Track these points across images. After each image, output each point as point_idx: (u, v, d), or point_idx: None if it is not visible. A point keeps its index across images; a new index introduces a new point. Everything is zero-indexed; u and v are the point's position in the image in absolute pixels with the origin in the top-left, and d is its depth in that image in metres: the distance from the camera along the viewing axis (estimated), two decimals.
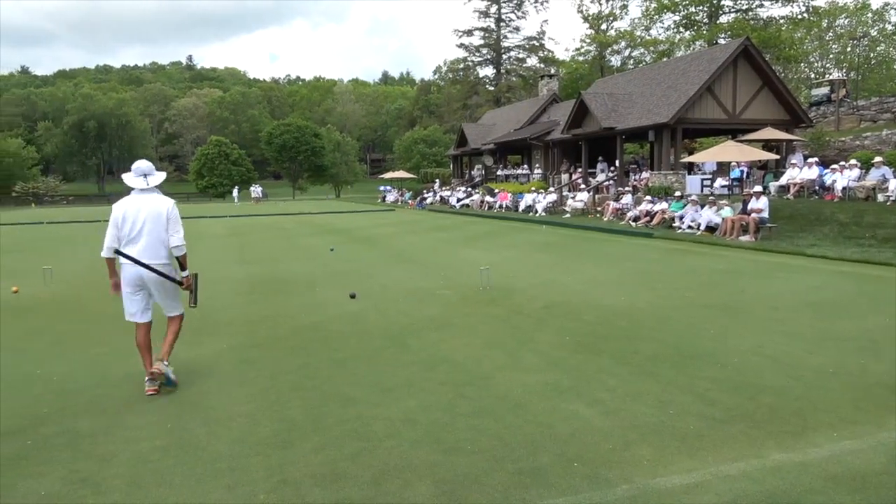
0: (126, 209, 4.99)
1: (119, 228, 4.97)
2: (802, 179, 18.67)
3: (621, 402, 4.56)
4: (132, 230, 4.96)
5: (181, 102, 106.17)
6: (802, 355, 5.63)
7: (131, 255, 4.91)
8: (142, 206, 5.01)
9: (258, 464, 3.71)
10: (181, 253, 5.07)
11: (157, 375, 4.94)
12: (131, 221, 4.97)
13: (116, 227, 4.98)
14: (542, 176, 33.37)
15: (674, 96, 23.63)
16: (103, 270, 5.29)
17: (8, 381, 5.33)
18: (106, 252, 5.01)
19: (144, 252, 4.95)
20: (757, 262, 11.67)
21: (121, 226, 4.97)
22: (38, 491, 3.43)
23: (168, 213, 5.05)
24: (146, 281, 5.03)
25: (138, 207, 5.00)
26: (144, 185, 5.05)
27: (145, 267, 4.93)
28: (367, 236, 19.17)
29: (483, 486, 3.38)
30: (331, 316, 7.70)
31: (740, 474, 3.44)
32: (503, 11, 62.40)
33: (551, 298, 8.45)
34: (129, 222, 4.96)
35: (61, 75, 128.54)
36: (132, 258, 4.92)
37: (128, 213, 4.98)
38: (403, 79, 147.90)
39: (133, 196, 5.06)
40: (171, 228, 5.04)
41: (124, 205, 5.03)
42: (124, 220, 4.97)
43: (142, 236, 4.96)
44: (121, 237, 4.97)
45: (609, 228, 19.05)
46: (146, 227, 4.97)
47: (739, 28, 41.49)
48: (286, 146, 70.65)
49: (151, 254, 4.97)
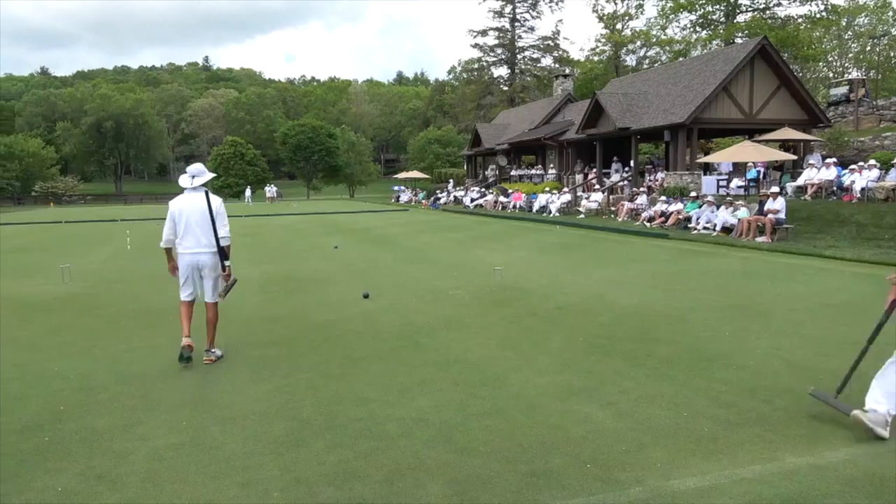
0: (181, 206, 5.74)
1: (175, 222, 5.73)
2: (820, 180, 18.45)
3: (635, 404, 4.53)
4: (186, 224, 5.70)
5: (197, 103, 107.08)
6: (819, 358, 5.56)
7: (193, 241, 5.73)
8: (194, 202, 5.73)
9: (272, 462, 3.73)
10: (226, 243, 5.79)
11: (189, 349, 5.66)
12: (186, 216, 5.71)
13: (173, 221, 5.74)
14: (556, 176, 33.26)
15: (690, 96, 23.46)
16: (120, 269, 5.38)
17: (28, 378, 5.41)
18: (164, 243, 5.83)
19: (197, 241, 5.71)
20: (773, 263, 11.56)
21: (177, 220, 5.72)
22: (55, 487, 3.47)
23: (216, 209, 5.75)
24: (201, 266, 5.78)
25: (191, 204, 5.73)
26: (190, 185, 5.76)
27: (212, 248, 5.73)
28: (380, 236, 19.22)
29: (495, 486, 3.38)
30: (345, 315, 7.73)
31: (755, 477, 3.41)
32: (518, 11, 62.27)
33: (565, 299, 8.42)
34: (183, 217, 5.71)
35: (80, 76, 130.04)
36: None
37: (182, 209, 5.72)
38: (418, 79, 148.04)
39: (185, 194, 5.79)
40: (219, 222, 5.74)
41: (179, 202, 5.78)
42: (179, 215, 5.71)
43: (192, 229, 5.70)
44: (177, 230, 5.73)
45: (623, 229, 18.95)
46: (196, 221, 5.69)
47: (757, 27, 41.10)
48: (301, 146, 71.03)
49: (201, 243, 5.72)
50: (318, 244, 16.82)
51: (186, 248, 5.74)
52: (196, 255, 5.74)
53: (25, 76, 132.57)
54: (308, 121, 77.94)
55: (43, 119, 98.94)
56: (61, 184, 70.54)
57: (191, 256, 5.74)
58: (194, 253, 5.73)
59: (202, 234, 5.70)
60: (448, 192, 41.30)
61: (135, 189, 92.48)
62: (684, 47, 47.82)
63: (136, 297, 9.21)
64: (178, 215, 5.73)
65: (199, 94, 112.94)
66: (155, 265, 12.83)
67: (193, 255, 5.73)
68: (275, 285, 10.07)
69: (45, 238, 21.07)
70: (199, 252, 5.73)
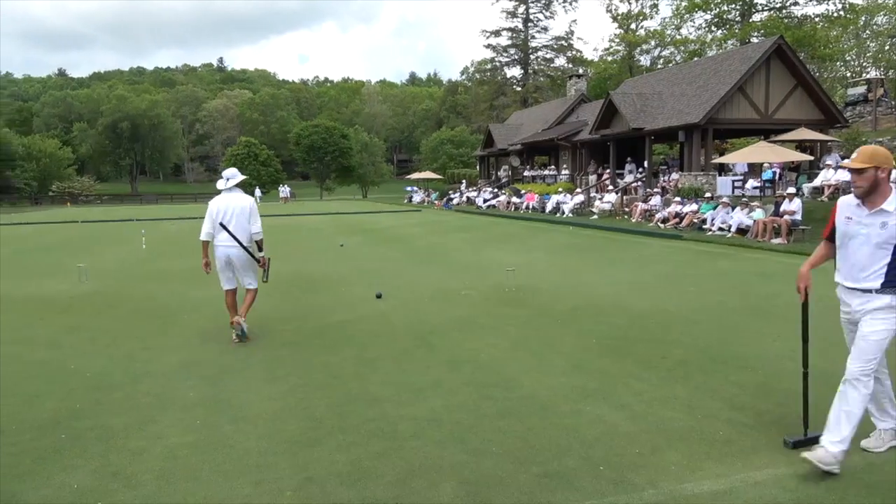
0: (218, 205, 6.49)
1: (213, 219, 6.45)
2: (837, 181, 18.24)
3: (648, 407, 4.51)
4: (223, 220, 6.41)
5: (212, 104, 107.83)
6: (838, 361, 5.47)
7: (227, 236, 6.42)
8: (230, 202, 6.48)
9: (285, 461, 3.75)
10: (259, 238, 6.59)
11: (236, 326, 6.40)
12: (222, 213, 6.43)
13: (211, 218, 6.46)
14: (570, 177, 33.16)
15: (705, 96, 23.30)
16: (136, 268, 5.43)
17: (45, 376, 5.47)
18: (204, 236, 6.56)
19: (229, 236, 6.40)
20: (790, 264, 11.44)
21: (215, 217, 6.44)
22: (71, 484, 3.51)
23: (250, 207, 6.53)
24: (232, 259, 6.47)
25: (227, 203, 6.48)
26: (225, 186, 6.55)
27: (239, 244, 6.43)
28: (393, 236, 19.25)
29: (508, 488, 3.37)
30: (358, 315, 7.75)
31: (771, 481, 3.38)
32: (531, 11, 62.17)
33: (578, 300, 8.39)
34: (220, 214, 6.43)
35: (96, 77, 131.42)
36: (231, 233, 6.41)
37: (219, 208, 6.46)
38: (430, 80, 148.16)
39: (222, 195, 6.56)
40: (252, 219, 6.52)
41: (217, 202, 6.53)
42: (218, 213, 6.44)
43: (229, 224, 6.40)
44: (214, 226, 6.44)
45: (637, 230, 18.85)
46: (233, 218, 6.41)
47: (773, 26, 40.68)
48: (314, 147, 71.29)
49: (235, 238, 6.40)
50: (332, 244, 16.87)
51: (220, 242, 6.48)
52: (227, 248, 6.45)
53: (43, 77, 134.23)
54: (321, 121, 78.26)
55: (60, 120, 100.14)
56: (78, 184, 71.33)
57: (223, 249, 6.47)
58: (226, 246, 6.45)
59: (235, 230, 6.42)
60: (461, 192, 41.30)
61: (150, 189, 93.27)
62: (699, 47, 47.42)
63: (151, 296, 9.29)
64: (217, 213, 6.45)
65: (214, 94, 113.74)
66: (170, 265, 12.94)
67: (225, 247, 6.45)
68: (289, 285, 10.11)
69: (62, 238, 21.31)
70: (229, 246, 6.44)
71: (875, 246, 3.44)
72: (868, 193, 3.47)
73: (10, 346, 6.56)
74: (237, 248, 6.44)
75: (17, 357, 6.11)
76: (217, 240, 6.48)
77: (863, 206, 3.52)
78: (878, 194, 3.45)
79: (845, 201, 3.66)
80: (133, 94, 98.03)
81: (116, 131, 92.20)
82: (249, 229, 6.50)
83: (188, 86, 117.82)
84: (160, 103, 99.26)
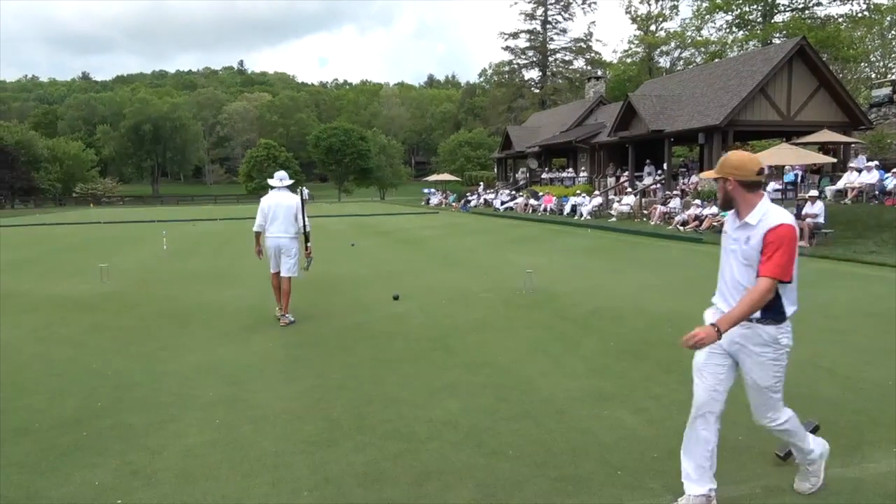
0: (269, 202, 7.44)
1: (265, 214, 7.41)
2: (861, 184, 17.97)
3: (667, 411, 4.46)
4: (273, 215, 7.36)
5: (232, 106, 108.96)
6: (861, 367, 5.41)
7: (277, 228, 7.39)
8: (279, 199, 7.43)
9: (302, 461, 3.76)
10: (308, 230, 7.52)
11: (282, 322, 7.33)
12: (273, 209, 7.38)
13: (263, 213, 7.43)
14: (588, 179, 32.98)
15: (725, 98, 23.06)
16: (157, 269, 5.50)
17: (68, 375, 5.56)
18: (256, 228, 7.53)
19: (280, 228, 7.35)
20: (812, 269, 11.28)
21: (266, 212, 7.41)
22: (92, 481, 3.56)
23: (296, 205, 7.44)
24: (280, 247, 7.37)
25: (277, 200, 7.42)
26: (278, 184, 7.48)
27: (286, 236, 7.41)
28: (411, 238, 19.28)
29: (524, 491, 3.36)
30: (376, 317, 7.77)
31: (791, 488, 3.33)
32: (549, 13, 62.03)
33: (596, 303, 8.34)
34: (271, 210, 7.39)
35: (119, 81, 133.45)
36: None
37: (270, 204, 7.42)
38: (449, 82, 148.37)
39: (272, 193, 7.51)
40: (300, 214, 7.44)
41: (268, 199, 7.49)
42: (269, 209, 7.40)
43: (278, 218, 7.35)
44: (266, 219, 7.40)
45: (656, 233, 18.70)
46: (281, 213, 7.36)
47: (795, 27, 40.18)
48: (333, 149, 71.70)
49: (284, 229, 7.37)
50: (349, 246, 16.93)
51: (271, 234, 7.38)
52: (278, 238, 7.36)
53: (68, 81, 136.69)
54: (340, 124, 78.70)
55: (83, 122, 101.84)
56: (101, 185, 72.48)
57: (274, 240, 7.37)
58: (277, 237, 7.36)
59: (284, 224, 7.35)
60: (478, 194, 41.28)
61: (171, 191, 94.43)
62: (720, 48, 46.95)
63: (172, 297, 9.39)
64: (268, 209, 7.40)
65: (234, 97, 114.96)
66: (191, 266, 13.08)
67: (276, 238, 7.36)
68: (307, 286, 10.16)
69: (85, 239, 21.64)
70: (280, 237, 7.36)
71: (742, 264, 2.99)
72: (727, 205, 3.06)
73: (34, 344, 6.67)
74: (285, 239, 7.36)
75: (40, 356, 6.21)
76: (269, 231, 7.40)
77: (736, 218, 3.07)
78: (743, 205, 2.99)
79: (731, 212, 3.13)
80: (155, 97, 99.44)
81: (139, 134, 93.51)
82: (295, 223, 7.42)
83: (209, 88, 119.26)
84: (181, 106, 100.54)
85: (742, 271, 2.98)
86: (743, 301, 2.87)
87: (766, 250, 2.87)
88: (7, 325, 7.56)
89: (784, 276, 2.84)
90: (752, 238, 2.92)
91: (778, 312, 2.96)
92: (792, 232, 2.89)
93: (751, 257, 2.93)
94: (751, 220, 2.94)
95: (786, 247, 2.84)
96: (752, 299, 2.83)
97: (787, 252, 2.84)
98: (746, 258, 2.95)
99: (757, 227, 2.91)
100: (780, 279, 2.84)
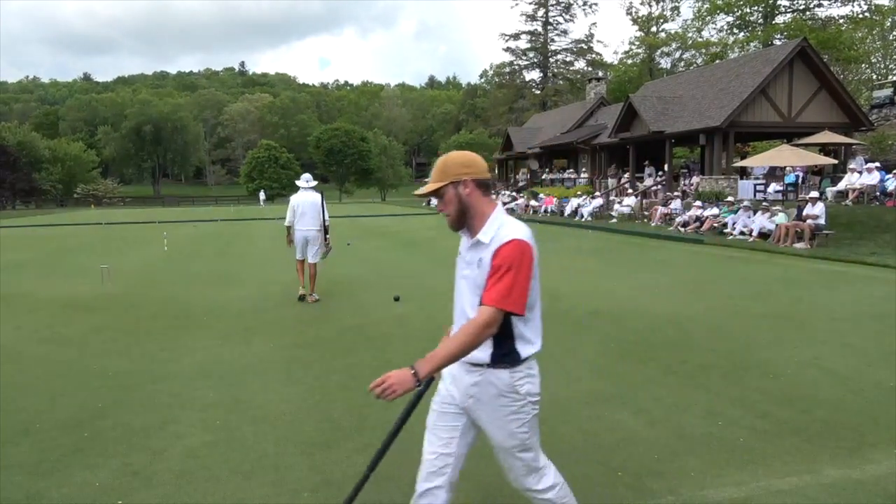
0: (298, 200, 8.84)
1: (294, 211, 8.80)
2: (862, 185, 17.96)
3: (668, 412, 4.46)
4: (301, 211, 8.76)
5: (233, 107, 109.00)
6: (862, 368, 5.40)
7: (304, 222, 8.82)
8: (306, 198, 8.82)
9: (302, 463, 3.76)
10: (328, 223, 8.98)
11: (310, 300, 8.79)
12: (301, 207, 8.78)
13: (293, 210, 8.82)
14: (589, 180, 32.98)
15: (726, 99, 23.06)
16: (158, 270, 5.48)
17: (69, 376, 5.56)
18: (287, 223, 8.91)
19: (308, 223, 8.79)
20: (813, 270, 11.28)
21: (295, 209, 8.80)
22: (93, 482, 3.56)
23: (320, 202, 8.85)
24: (308, 239, 8.82)
25: (304, 198, 8.82)
26: (305, 185, 8.93)
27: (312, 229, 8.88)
28: (412, 239, 19.28)
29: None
30: (376, 318, 7.77)
31: (792, 490, 3.32)
32: (551, 15, 61.99)
33: (597, 305, 8.33)
34: (299, 207, 8.78)
35: (121, 82, 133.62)
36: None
37: (299, 202, 8.81)
38: (450, 83, 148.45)
39: (301, 192, 8.90)
40: (325, 210, 8.90)
41: (297, 197, 8.88)
42: (298, 206, 8.79)
43: (306, 214, 8.77)
44: (295, 215, 8.79)
45: (657, 234, 18.69)
46: (308, 210, 8.77)
47: (796, 28, 40.19)
48: (334, 150, 71.76)
49: (311, 224, 8.81)
50: (351, 248, 16.93)
51: (300, 227, 8.79)
52: (306, 231, 8.80)
53: (69, 82, 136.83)
54: (341, 125, 78.77)
55: (85, 123, 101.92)
56: (102, 186, 72.53)
57: (302, 233, 8.81)
58: (305, 231, 8.79)
59: (310, 218, 8.76)
60: None
61: (172, 192, 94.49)
62: (721, 49, 46.97)
63: (173, 297, 9.39)
64: (297, 206, 8.78)
65: (235, 98, 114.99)
66: (192, 267, 13.08)
67: (304, 231, 8.80)
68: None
69: (86, 240, 21.65)
70: (308, 230, 8.79)
71: (474, 293, 2.33)
72: (461, 221, 2.40)
73: (35, 345, 6.68)
74: (312, 231, 8.79)
75: (42, 356, 6.21)
76: (298, 225, 8.80)
77: (468, 236, 2.44)
78: (478, 217, 2.37)
79: (464, 230, 2.47)
80: (156, 98, 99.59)
81: (140, 134, 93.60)
82: (319, 218, 8.80)
83: (210, 90, 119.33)
84: (182, 107, 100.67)
85: (475, 301, 2.31)
86: (455, 336, 2.26)
87: (492, 273, 2.23)
88: (8, 326, 7.57)
89: (510, 306, 2.19)
90: (485, 259, 2.29)
91: (510, 352, 2.33)
92: (525, 250, 2.26)
93: (483, 284, 2.28)
94: (483, 238, 2.32)
95: (516, 269, 2.20)
96: (465, 333, 2.20)
97: (516, 276, 2.20)
98: (479, 285, 2.30)
99: (490, 244, 2.28)
100: (507, 309, 2.20)
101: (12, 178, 58.24)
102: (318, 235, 8.78)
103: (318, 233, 8.77)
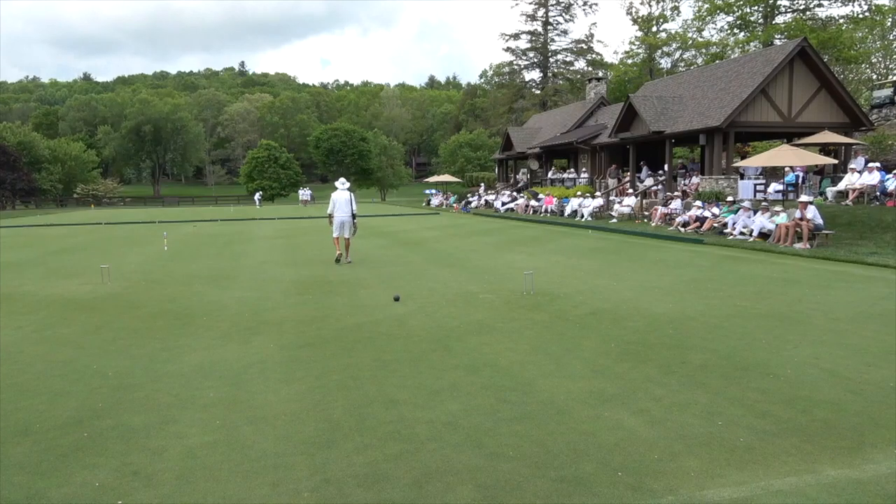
0: (335, 196, 13.00)
1: (333, 204, 12.90)
2: (862, 185, 17.94)
3: (668, 412, 4.46)
4: (338, 205, 12.86)
5: (233, 107, 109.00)
6: (862, 368, 5.40)
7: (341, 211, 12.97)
8: (341, 195, 13.00)
9: (302, 462, 3.76)
10: (356, 211, 12.99)
11: (343, 261, 13.07)
12: (337, 201, 12.90)
13: (333, 202, 12.92)
14: (589, 180, 32.97)
15: (726, 99, 23.05)
16: (158, 270, 5.50)
17: (69, 375, 5.56)
18: (329, 211, 13.07)
19: (343, 211, 12.86)
20: (813, 270, 11.27)
21: (334, 202, 12.91)
22: (93, 482, 3.56)
23: (351, 197, 13.04)
24: (343, 222, 12.92)
25: (340, 196, 12.98)
26: (341, 186, 13.10)
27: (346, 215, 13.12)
28: (411, 239, 19.28)
29: (525, 492, 3.35)
30: (376, 318, 7.77)
31: (792, 490, 3.32)
32: (551, 15, 61.99)
33: (597, 304, 8.34)
34: (336, 202, 12.89)
35: (121, 81, 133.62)
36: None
37: (336, 198, 12.94)
38: (450, 83, 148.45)
39: (338, 191, 13.03)
40: (353, 203, 13.01)
41: (335, 194, 13.01)
42: (335, 201, 12.91)
43: (341, 206, 12.89)
44: (333, 206, 12.88)
45: (657, 234, 18.69)
46: (341, 203, 12.93)
47: (796, 28, 40.15)
48: (334, 150, 71.76)
49: (345, 212, 12.89)
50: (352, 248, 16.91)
51: (338, 215, 12.85)
52: (342, 217, 12.88)
53: (69, 82, 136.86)
54: (341, 125, 78.74)
55: (85, 123, 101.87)
56: (102, 186, 72.44)
57: (339, 218, 12.89)
58: (341, 217, 12.88)
59: (344, 209, 12.87)
60: (479, 195, 41.27)
61: (172, 191, 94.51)
62: (721, 49, 46.95)
63: (172, 297, 9.40)
64: (335, 200, 12.90)
65: (235, 98, 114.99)
66: (191, 266, 13.08)
67: (341, 217, 12.88)
68: (308, 288, 10.18)
69: (86, 239, 21.65)
70: (343, 216, 12.88)
71: None
72: None
73: (35, 345, 6.68)
74: (346, 217, 12.86)
75: (41, 356, 6.22)
76: (337, 213, 12.81)
77: None
78: None
79: None
80: (156, 98, 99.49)
81: (140, 134, 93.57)
82: (351, 209, 12.88)
83: (210, 90, 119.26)
84: (182, 107, 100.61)
85: None
86: None
87: None
88: (8, 326, 7.57)
89: None
90: None
91: None
92: None
93: None
94: None
95: None
96: None
97: None
98: None
99: None
100: None
101: (12, 178, 58.18)
102: (350, 219, 12.87)
103: (350, 217, 12.85)
